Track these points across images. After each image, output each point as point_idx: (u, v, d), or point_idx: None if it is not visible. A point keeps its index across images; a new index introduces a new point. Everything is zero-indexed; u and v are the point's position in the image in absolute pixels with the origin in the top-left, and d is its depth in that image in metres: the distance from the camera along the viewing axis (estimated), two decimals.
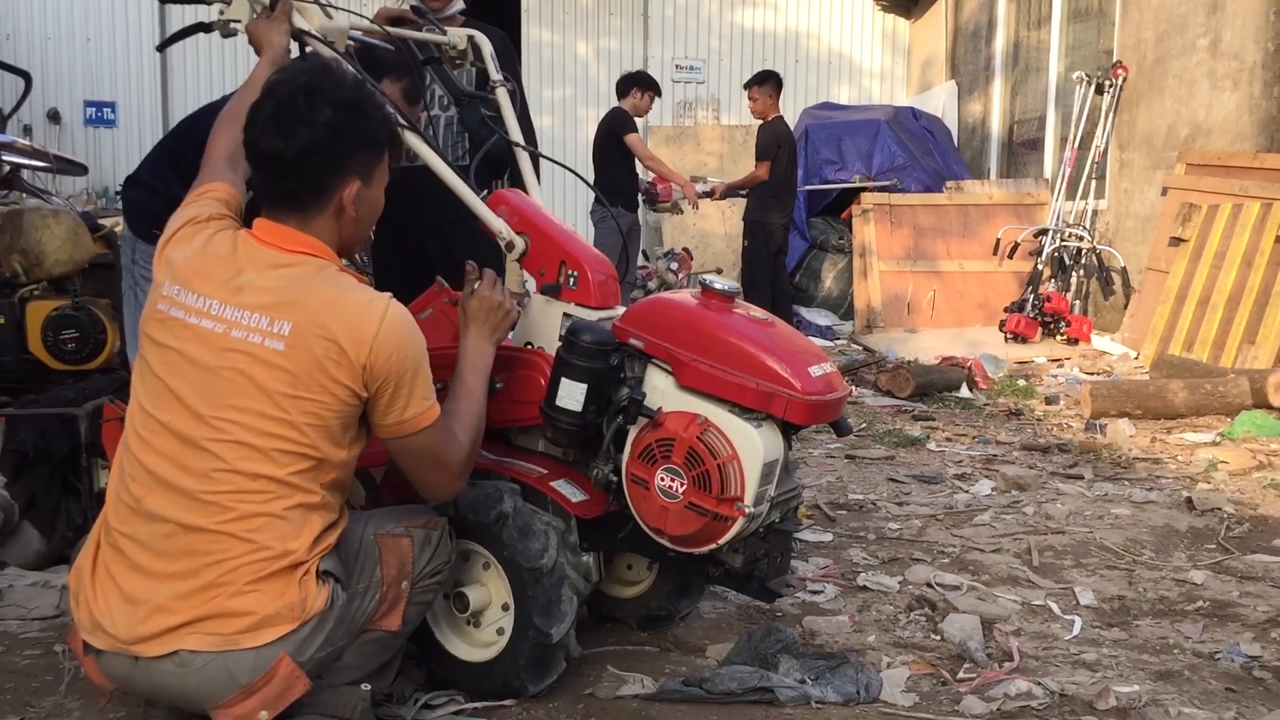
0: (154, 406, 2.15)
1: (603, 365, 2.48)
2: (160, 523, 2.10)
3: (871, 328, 9.05)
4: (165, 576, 2.09)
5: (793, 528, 2.65)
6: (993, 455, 5.15)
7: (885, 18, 13.08)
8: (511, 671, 2.51)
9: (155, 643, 2.07)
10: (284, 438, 2.11)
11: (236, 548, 2.08)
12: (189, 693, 2.10)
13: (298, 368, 2.11)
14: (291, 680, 2.08)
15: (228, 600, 2.07)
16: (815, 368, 2.48)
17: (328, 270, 2.21)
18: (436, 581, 2.39)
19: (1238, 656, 2.83)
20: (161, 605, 2.07)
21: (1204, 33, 7.70)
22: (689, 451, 2.38)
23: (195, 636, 2.06)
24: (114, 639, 2.10)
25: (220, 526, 2.08)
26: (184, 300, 2.17)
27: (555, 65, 12.51)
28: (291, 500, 2.12)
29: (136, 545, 2.12)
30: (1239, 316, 6.67)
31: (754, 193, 8.64)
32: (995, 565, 3.57)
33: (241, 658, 2.06)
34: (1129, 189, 8.60)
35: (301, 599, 2.10)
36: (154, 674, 2.10)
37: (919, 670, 2.75)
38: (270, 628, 2.07)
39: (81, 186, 11.45)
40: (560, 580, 2.49)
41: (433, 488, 2.35)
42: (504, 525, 2.47)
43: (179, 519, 2.09)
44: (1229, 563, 3.61)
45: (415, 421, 2.23)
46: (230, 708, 2.08)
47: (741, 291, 2.62)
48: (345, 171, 2.21)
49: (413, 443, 2.26)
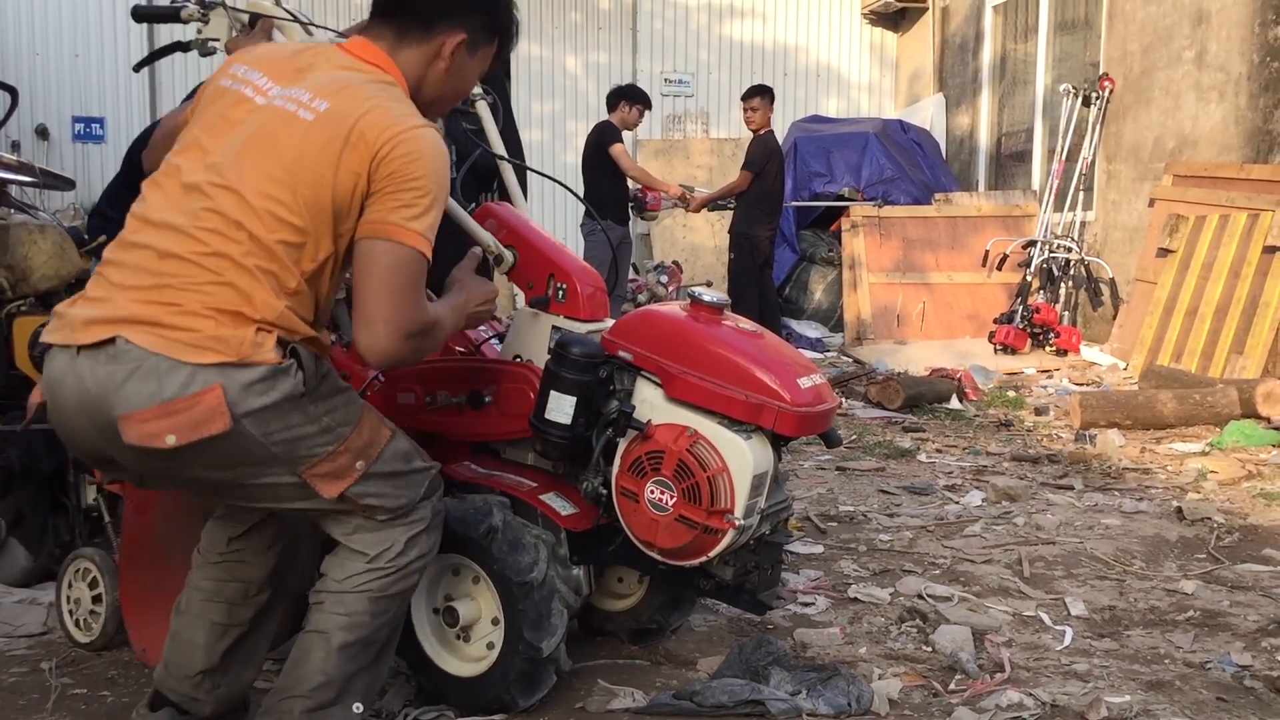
0: (176, 153, 2.18)
1: (591, 378, 2.48)
2: (142, 249, 2.08)
3: (861, 340, 9.07)
4: (129, 288, 2.05)
5: (783, 540, 2.65)
6: (983, 466, 5.16)
7: (873, 31, 13.13)
8: (502, 686, 2.50)
9: (99, 328, 2.01)
10: (279, 201, 2.06)
11: (201, 275, 2.03)
12: (108, 393, 1.99)
13: (318, 139, 2.08)
14: (214, 414, 1.96)
15: (178, 316, 2.00)
16: (804, 379, 2.48)
17: (393, 88, 2.21)
18: (413, 570, 2.25)
19: (1228, 666, 2.83)
20: (116, 306, 2.03)
21: (1190, 45, 7.75)
22: (679, 464, 2.37)
23: (137, 330, 1.99)
24: (67, 332, 2.05)
25: (193, 257, 2.04)
26: (248, 77, 2.19)
27: (545, 79, 12.53)
28: (268, 265, 2.06)
29: (115, 267, 2.10)
30: (1227, 327, 6.70)
31: (741, 205, 8.65)
32: (986, 576, 3.56)
33: (175, 370, 1.97)
34: (1116, 200, 8.63)
35: (252, 341, 2.01)
36: (85, 369, 2.01)
37: (910, 682, 2.75)
38: (211, 350, 1.98)
39: (69, 201, 11.41)
40: (550, 594, 2.48)
41: (373, 323, 2.07)
42: (493, 539, 2.46)
43: (158, 245, 2.06)
44: (1219, 572, 3.62)
45: (397, 231, 2.07)
46: (142, 422, 1.97)
47: (730, 304, 2.62)
48: (458, 19, 2.26)
49: (384, 252, 2.06)
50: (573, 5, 12.55)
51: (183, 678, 2.31)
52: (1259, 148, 7.11)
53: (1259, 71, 7.07)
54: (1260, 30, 7.06)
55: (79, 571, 2.97)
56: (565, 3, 12.51)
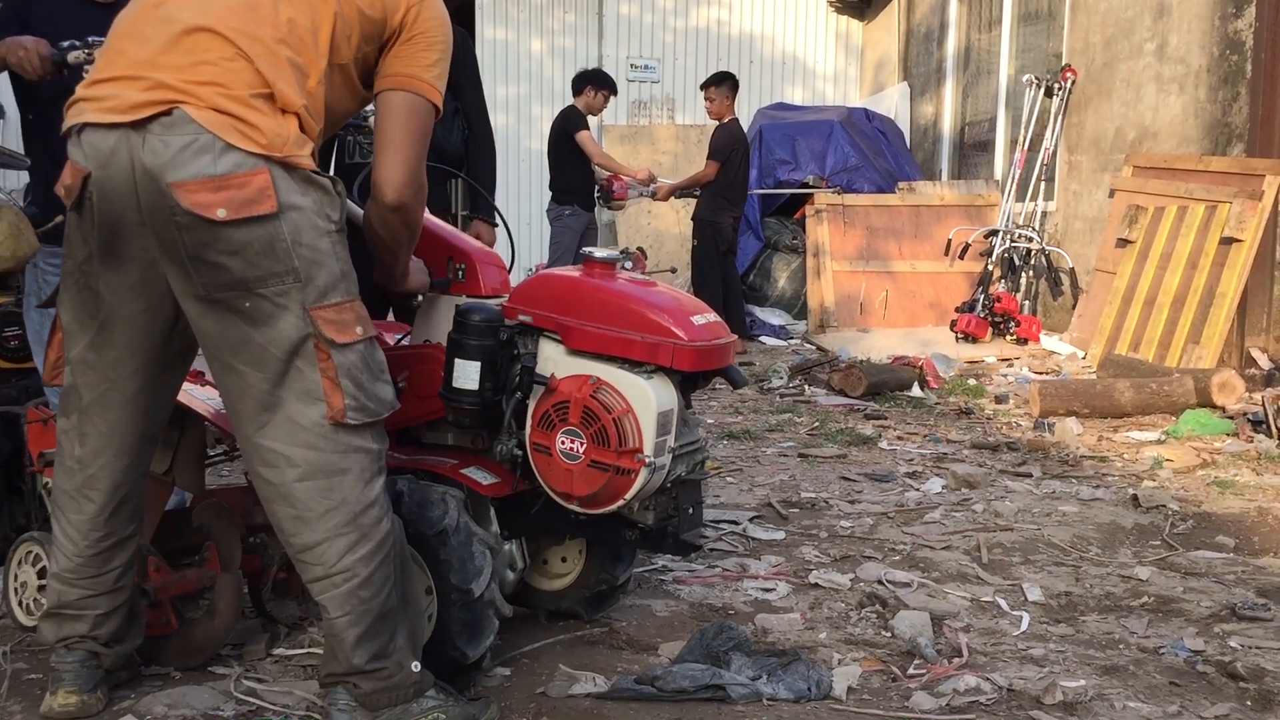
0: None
1: (494, 342, 2.54)
2: (170, 23, 2.17)
3: (825, 327, 9.10)
4: (167, 63, 2.14)
5: (700, 477, 2.71)
6: (943, 454, 5.20)
7: (838, 19, 13.14)
8: (448, 642, 2.51)
9: (152, 106, 2.10)
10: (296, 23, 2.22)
11: (229, 50, 2.14)
12: (163, 161, 2.08)
13: None
14: (263, 195, 2.09)
15: (222, 98, 2.11)
16: (698, 317, 2.57)
17: None
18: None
19: (1181, 651, 2.87)
20: (162, 81, 2.12)
21: (1151, 37, 7.82)
22: (584, 410, 2.46)
23: (192, 106, 2.10)
24: (112, 113, 2.12)
25: (223, 29, 2.15)
26: None
27: (510, 63, 12.45)
28: (283, 67, 2.18)
29: (140, 42, 2.18)
30: (1184, 317, 6.78)
31: (705, 193, 8.66)
32: (945, 562, 3.60)
33: (227, 152, 2.09)
34: (1077, 191, 8.71)
35: (296, 140, 2.15)
36: (137, 141, 2.10)
37: (869, 667, 2.77)
38: (257, 139, 2.10)
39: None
40: (468, 538, 2.52)
41: (394, 160, 2.32)
42: (401, 502, 2.50)
43: (188, 20, 2.16)
44: (1173, 559, 3.67)
45: (415, 82, 2.34)
46: (194, 192, 2.07)
47: (627, 261, 2.69)
48: None
49: (401, 101, 2.33)
50: None
51: None
52: (1217, 140, 7.19)
53: (1218, 64, 7.15)
54: (1220, 24, 7.13)
55: (26, 555, 2.93)
56: None
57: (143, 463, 2.44)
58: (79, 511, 2.39)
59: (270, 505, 2.24)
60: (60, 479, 2.41)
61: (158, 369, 2.34)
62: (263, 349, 2.15)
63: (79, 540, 2.40)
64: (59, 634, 2.46)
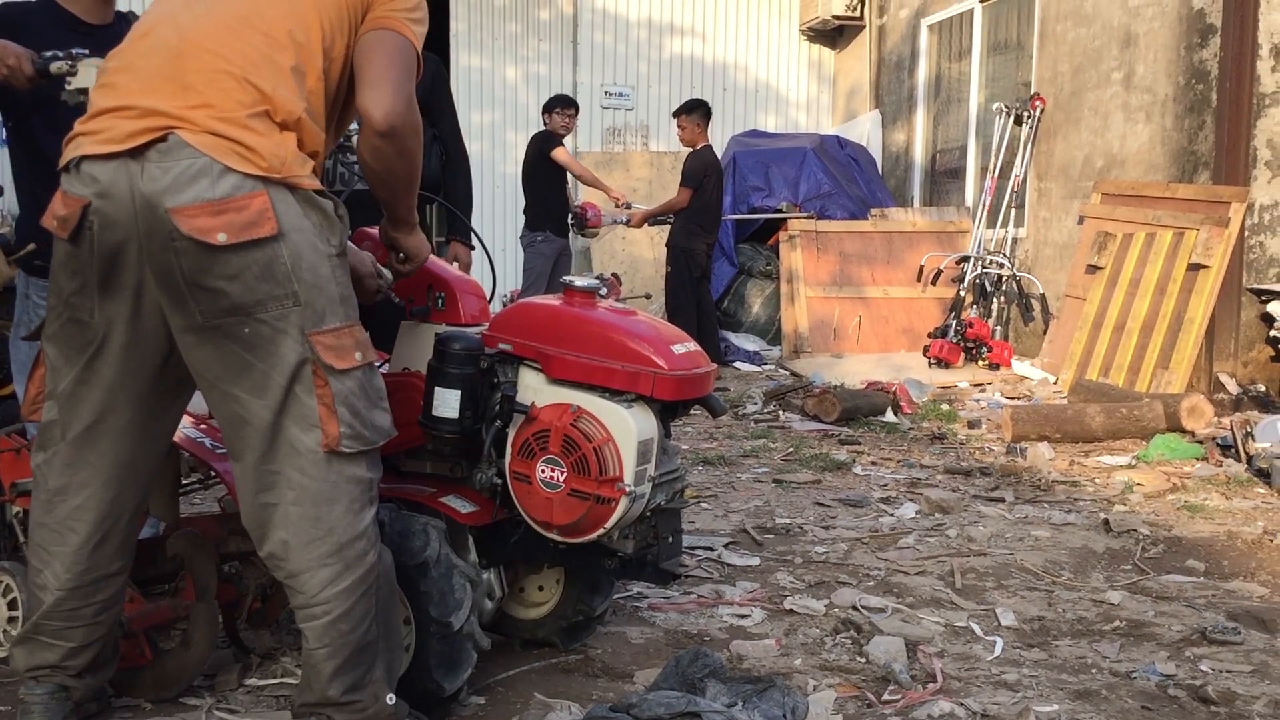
0: None
1: (474, 370, 2.54)
2: (158, 50, 2.18)
3: (799, 353, 9.14)
4: (159, 90, 2.13)
5: (680, 506, 2.71)
6: (917, 479, 5.22)
7: (811, 48, 13.26)
8: (425, 674, 2.50)
9: (147, 132, 2.09)
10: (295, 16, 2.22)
11: (220, 69, 2.14)
12: (161, 187, 2.07)
13: None
14: (262, 218, 2.07)
15: (217, 121, 2.10)
16: (678, 346, 2.58)
17: None
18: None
19: (1153, 675, 2.89)
20: (155, 108, 2.11)
21: (1118, 66, 7.93)
22: (565, 439, 2.45)
23: (186, 130, 2.09)
24: (108, 144, 2.11)
25: (212, 48, 2.16)
26: None
27: (484, 90, 12.49)
28: (280, 73, 2.17)
29: (131, 73, 2.18)
30: (1153, 342, 6.85)
31: (679, 219, 8.71)
32: (919, 587, 3.61)
33: (225, 175, 2.07)
34: (1047, 218, 8.80)
35: (286, 158, 2.13)
36: (136, 168, 2.09)
37: (845, 692, 2.78)
38: (256, 161, 2.09)
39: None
40: (449, 570, 2.51)
41: (382, 84, 2.25)
42: (382, 531, 2.47)
43: (176, 45, 2.17)
44: (1144, 583, 3.70)
45: (392, 21, 2.28)
46: (193, 217, 2.05)
47: (602, 289, 2.70)
48: None
49: (391, 38, 2.28)
50: (512, 16, 12.54)
51: None
52: (1184, 168, 7.29)
53: (1184, 93, 7.26)
54: (1186, 53, 7.24)
55: None
56: (505, 14, 12.50)
57: (131, 499, 2.37)
58: (61, 544, 2.33)
59: (265, 531, 2.21)
60: (38, 513, 2.37)
61: (151, 401, 2.30)
62: (265, 375, 2.13)
63: (61, 574, 2.34)
64: (29, 662, 2.42)
